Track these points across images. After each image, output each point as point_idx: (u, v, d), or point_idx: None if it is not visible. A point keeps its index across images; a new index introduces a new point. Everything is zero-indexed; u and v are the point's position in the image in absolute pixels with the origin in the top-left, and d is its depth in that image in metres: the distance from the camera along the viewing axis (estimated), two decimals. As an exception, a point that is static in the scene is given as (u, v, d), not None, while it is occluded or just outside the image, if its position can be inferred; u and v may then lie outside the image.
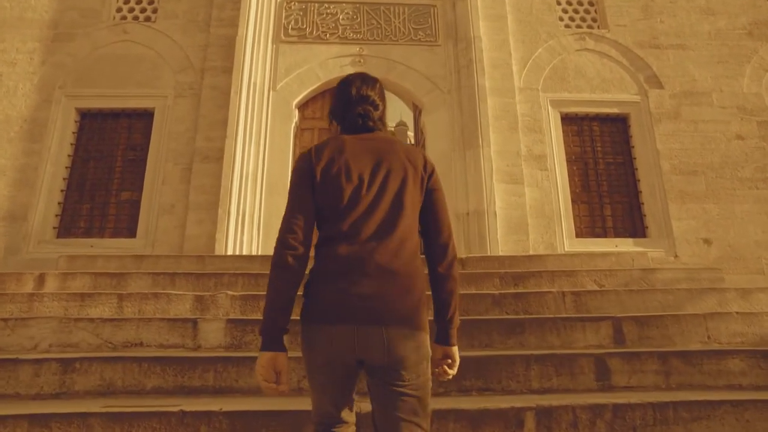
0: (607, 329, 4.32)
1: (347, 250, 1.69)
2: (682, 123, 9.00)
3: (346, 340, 1.64)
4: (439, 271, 1.80)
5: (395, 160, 1.81)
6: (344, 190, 1.74)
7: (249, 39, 9.13)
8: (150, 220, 8.66)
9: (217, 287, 5.23)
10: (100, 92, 9.16)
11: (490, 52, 9.16)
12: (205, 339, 4.22)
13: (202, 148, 8.83)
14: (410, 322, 1.68)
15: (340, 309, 1.65)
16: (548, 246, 8.47)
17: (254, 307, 4.77)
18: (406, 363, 1.66)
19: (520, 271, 5.51)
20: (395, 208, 1.75)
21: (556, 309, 4.82)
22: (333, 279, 1.68)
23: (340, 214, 1.73)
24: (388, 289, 1.66)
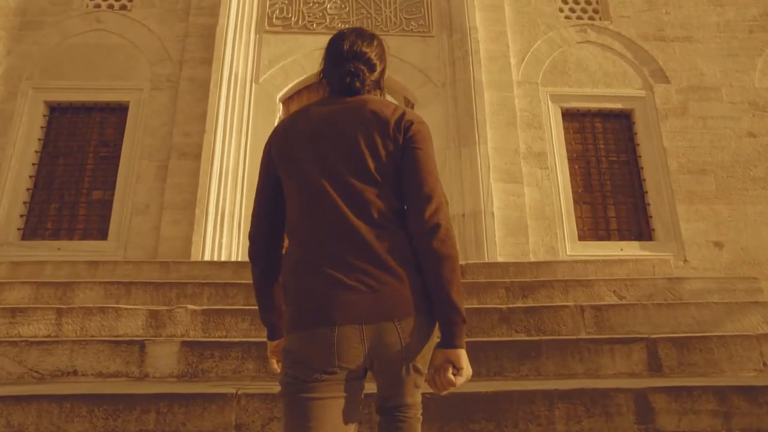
0: (640, 353, 3.48)
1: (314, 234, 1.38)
2: (690, 119, 8.20)
3: (352, 341, 1.30)
4: (417, 243, 1.39)
5: (358, 120, 1.45)
6: (298, 164, 1.44)
7: (230, 28, 8.23)
8: (123, 221, 7.73)
9: (178, 299, 4.33)
10: (70, 84, 8.22)
11: (487, 43, 8.33)
12: (154, 366, 3.33)
13: (179, 143, 7.92)
14: (415, 308, 1.35)
15: (334, 305, 1.30)
16: (549, 249, 7.64)
17: (219, 324, 3.88)
18: (418, 351, 1.36)
19: (528, 280, 4.66)
20: (361, 176, 1.40)
21: (574, 327, 3.97)
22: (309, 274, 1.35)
23: (298, 193, 1.43)
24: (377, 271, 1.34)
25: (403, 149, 1.43)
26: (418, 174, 1.41)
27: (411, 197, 1.41)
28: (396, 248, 1.37)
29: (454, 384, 1.37)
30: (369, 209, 1.38)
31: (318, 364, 1.29)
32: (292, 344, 1.34)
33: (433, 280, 1.36)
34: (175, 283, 4.42)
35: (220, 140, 7.84)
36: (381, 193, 1.40)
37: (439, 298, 1.35)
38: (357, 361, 1.31)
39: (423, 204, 1.38)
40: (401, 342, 1.32)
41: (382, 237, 1.37)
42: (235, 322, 3.89)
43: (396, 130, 1.43)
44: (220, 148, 7.82)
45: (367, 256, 1.34)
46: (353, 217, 1.36)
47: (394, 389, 1.44)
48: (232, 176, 7.88)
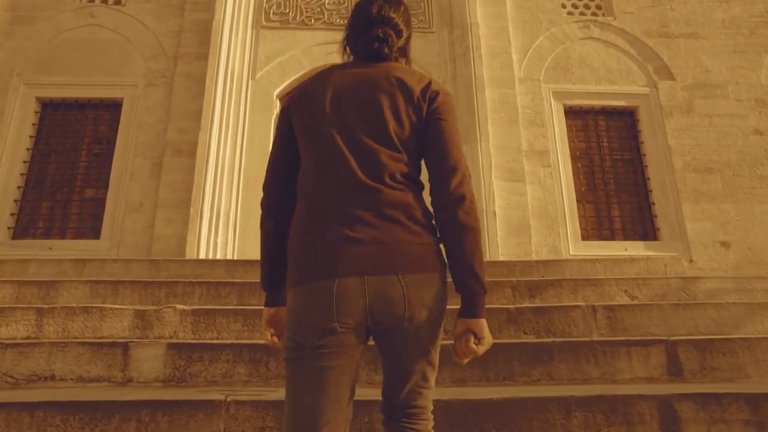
0: (659, 356, 3.22)
1: (326, 186, 1.34)
2: (696, 117, 7.97)
3: (353, 295, 1.24)
4: (441, 214, 1.37)
5: (385, 86, 1.40)
6: (318, 125, 1.39)
7: (226, 24, 7.98)
8: (116, 220, 7.46)
9: (168, 299, 4.07)
10: (63, 80, 7.96)
11: (488, 39, 8.09)
12: (139, 370, 3.07)
13: (174, 140, 7.65)
14: (427, 266, 1.30)
15: (339, 258, 1.25)
16: (552, 249, 7.38)
17: (210, 324, 3.62)
18: (426, 316, 1.29)
19: (536, 279, 4.41)
20: (381, 139, 1.36)
21: (586, 328, 3.72)
22: (316, 225, 1.32)
23: (315, 152, 1.39)
24: (391, 229, 1.29)
25: (427, 120, 1.40)
26: (444, 146, 1.39)
27: (435, 168, 1.38)
28: (407, 206, 1.33)
29: (477, 353, 1.37)
30: (383, 171, 1.33)
31: (319, 320, 1.25)
32: (296, 301, 1.30)
33: (456, 251, 1.33)
34: (164, 282, 4.16)
35: (215, 137, 7.58)
36: (399, 158, 1.36)
37: (462, 268, 1.33)
38: (357, 315, 1.25)
39: (448, 175, 1.36)
40: (404, 298, 1.26)
41: (394, 196, 1.33)
42: (227, 322, 3.63)
43: (421, 99, 1.39)
44: (215, 145, 7.56)
45: (376, 211, 1.30)
46: (366, 176, 1.32)
47: (400, 365, 1.34)
48: (228, 174, 7.63)
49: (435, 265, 1.32)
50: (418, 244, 1.31)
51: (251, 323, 3.64)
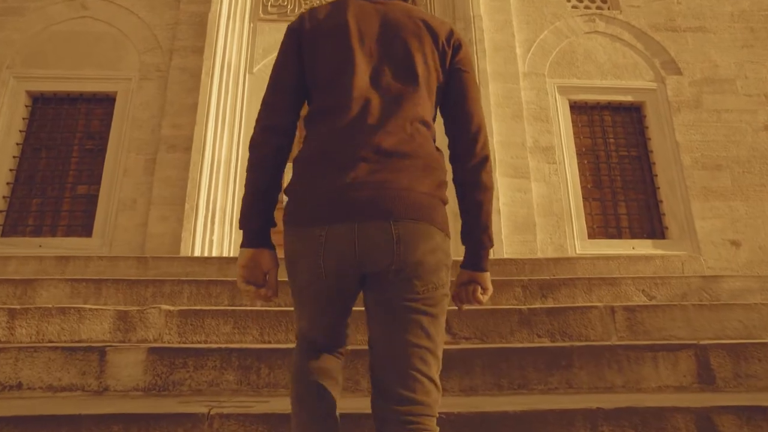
0: (688, 362, 2.89)
1: (337, 125, 1.23)
2: (704, 112, 7.65)
3: (342, 243, 1.16)
4: (464, 173, 1.32)
5: (410, 25, 1.30)
6: (339, 53, 1.27)
7: (223, 16, 7.66)
8: (108, 217, 7.13)
9: (154, 299, 3.74)
10: (54, 74, 7.62)
11: (491, 33, 7.77)
12: (116, 377, 2.73)
13: (168, 136, 7.32)
14: (425, 215, 1.19)
15: (332, 203, 1.17)
16: (558, 248, 7.06)
17: (198, 327, 3.28)
18: (420, 269, 1.16)
19: (547, 278, 4.08)
20: (406, 80, 1.27)
21: (604, 331, 3.39)
22: (322, 166, 1.21)
23: (330, 82, 1.27)
24: (395, 175, 1.19)
25: (451, 69, 1.33)
26: (469, 102, 1.34)
27: (461, 125, 1.33)
28: (422, 154, 1.24)
29: (481, 302, 1.38)
30: (405, 114, 1.25)
31: (308, 267, 1.20)
32: (288, 241, 1.25)
33: (475, 208, 1.32)
34: (151, 281, 3.82)
35: (211, 132, 7.26)
36: (421, 102, 1.27)
37: (478, 224, 1.32)
38: (346, 264, 1.17)
39: (475, 134, 1.32)
40: (394, 245, 1.15)
41: (411, 142, 1.24)
42: (217, 324, 3.30)
43: (446, 45, 1.33)
44: (211, 140, 7.23)
45: (388, 156, 1.20)
46: (386, 118, 1.23)
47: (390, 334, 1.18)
48: (224, 169, 7.30)
49: (438, 218, 1.21)
50: (423, 193, 1.20)
51: (243, 325, 3.31)
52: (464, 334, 3.38)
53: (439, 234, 1.21)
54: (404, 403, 1.13)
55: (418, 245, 1.16)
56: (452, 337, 3.37)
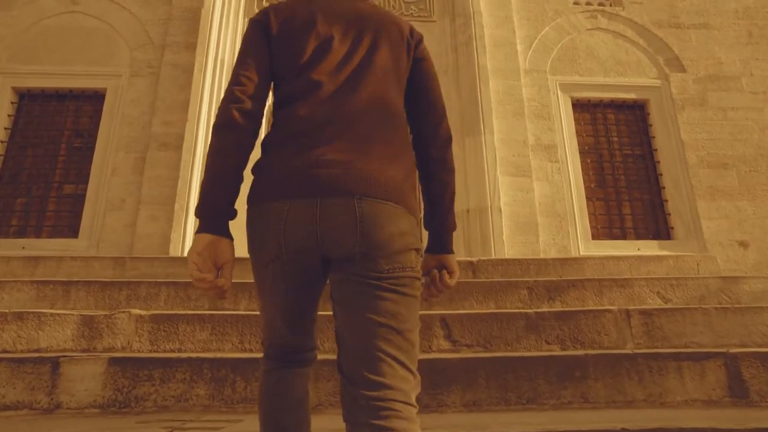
0: (717, 373, 2.52)
1: (308, 109, 1.20)
2: (709, 110, 7.30)
3: (304, 219, 1.10)
4: (429, 155, 1.32)
5: (376, 19, 1.33)
6: (308, 42, 1.26)
7: (216, 11, 7.31)
8: (96, 218, 6.75)
9: (128, 302, 3.35)
10: (42, 69, 7.25)
11: (492, 29, 7.42)
12: (70, 393, 2.35)
13: (159, 133, 6.95)
14: (393, 196, 1.13)
15: (297, 179, 1.12)
16: (561, 249, 6.69)
17: (171, 333, 2.90)
18: (385, 250, 1.08)
19: (554, 279, 3.70)
20: (374, 69, 1.26)
21: (619, 337, 3.01)
22: (289, 145, 1.18)
23: (301, 70, 1.24)
24: (365, 157, 1.15)
25: (414, 60, 1.35)
26: (432, 89, 1.37)
27: (426, 109, 1.35)
28: (390, 140, 1.21)
29: (450, 286, 1.33)
30: (373, 102, 1.22)
31: (269, 244, 1.13)
32: (251, 218, 1.18)
33: (441, 189, 1.30)
34: (125, 283, 3.44)
35: (203, 129, 6.89)
36: (388, 91, 1.27)
37: (442, 205, 1.30)
38: (307, 243, 1.09)
39: (439, 117, 1.35)
40: (357, 224, 1.07)
41: (379, 127, 1.20)
42: (192, 331, 2.92)
43: (410, 37, 1.36)
44: (203, 137, 6.87)
45: (357, 140, 1.16)
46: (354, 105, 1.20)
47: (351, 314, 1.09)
48: (216, 169, 6.92)
49: (408, 200, 1.16)
50: (392, 176, 1.15)
51: (221, 331, 2.93)
52: (465, 341, 3.01)
53: (408, 217, 1.16)
54: (373, 387, 1.02)
55: (383, 226, 1.09)
56: (452, 345, 3.00)
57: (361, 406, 1.02)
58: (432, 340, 2.99)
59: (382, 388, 1.01)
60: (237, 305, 3.46)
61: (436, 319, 3.02)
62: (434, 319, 3.02)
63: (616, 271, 4.08)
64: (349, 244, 1.08)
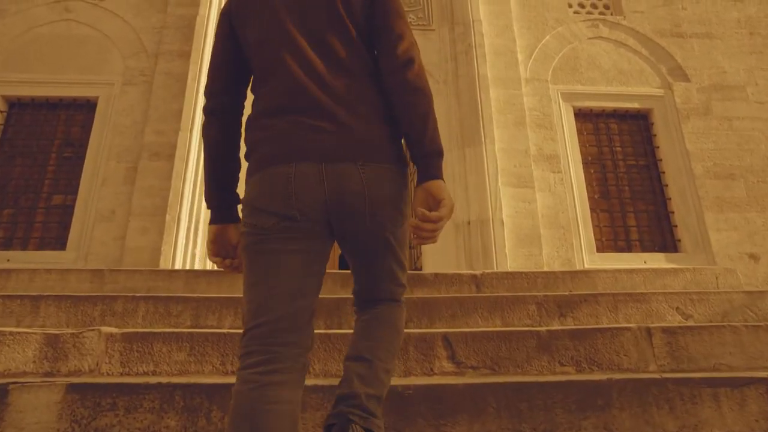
0: (759, 402, 2.19)
1: (289, 81, 1.22)
2: (714, 120, 7.05)
3: (311, 181, 1.13)
4: (390, 81, 1.25)
5: None
6: (271, 21, 1.27)
7: (212, 19, 7.08)
8: (84, 229, 6.44)
9: (102, 319, 3.03)
10: (33, 78, 7.00)
11: (491, 38, 7.20)
12: (18, 426, 2.01)
13: (151, 143, 6.68)
14: (386, 157, 1.21)
15: (297, 144, 1.16)
16: (565, 262, 6.38)
17: (145, 353, 2.58)
18: (389, 209, 1.20)
19: (565, 294, 3.38)
20: (339, 33, 1.27)
21: (640, 358, 2.69)
22: (278, 116, 1.21)
23: (269, 48, 1.26)
24: (354, 120, 1.20)
25: (370, 4, 1.30)
26: (389, 17, 1.30)
27: (382, 38, 1.29)
28: (366, 97, 1.25)
29: (441, 218, 1.18)
30: (341, 62, 1.25)
31: (277, 206, 1.13)
32: (252, 188, 1.18)
33: (410, 113, 1.23)
34: (101, 297, 3.12)
35: (196, 139, 6.61)
36: (354, 45, 1.28)
37: (416, 131, 1.23)
38: (316, 205, 1.14)
39: (395, 42, 1.28)
40: (365, 189, 1.16)
41: (353, 86, 1.25)
42: (169, 351, 2.59)
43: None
44: (196, 147, 6.59)
45: (336, 103, 1.20)
46: (324, 68, 1.23)
47: (368, 268, 1.28)
48: (209, 179, 6.62)
49: (395, 156, 1.24)
50: (378, 134, 1.22)
51: (201, 351, 2.60)
52: (471, 362, 2.68)
53: (401, 173, 1.24)
54: (383, 295, 1.32)
55: (384, 186, 1.18)
56: (456, 366, 2.67)
57: (371, 303, 1.33)
58: (434, 361, 2.66)
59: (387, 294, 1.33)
60: (221, 321, 3.14)
61: (438, 338, 2.70)
62: (436, 338, 2.70)
63: (630, 284, 3.76)
64: (358, 208, 1.16)
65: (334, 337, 2.66)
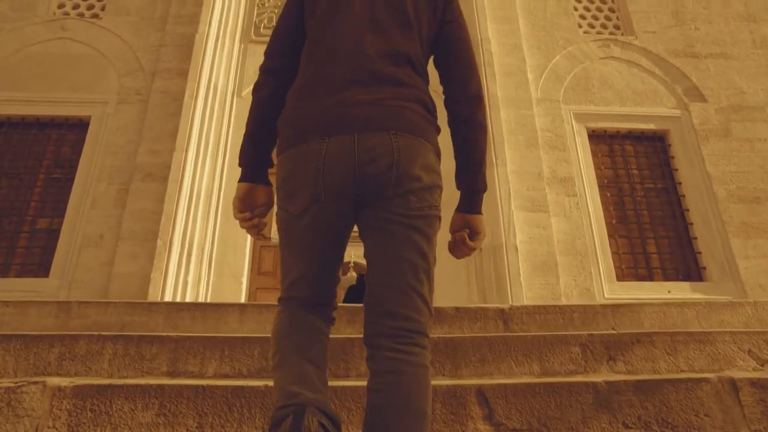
0: None
1: (336, 55, 1.23)
2: (735, 141, 6.56)
3: (342, 154, 1.11)
4: (457, 112, 1.27)
5: None
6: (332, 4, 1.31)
7: (211, 37, 6.66)
8: (70, 255, 5.85)
9: (59, 364, 2.43)
10: (25, 96, 6.53)
11: (501, 57, 6.77)
12: None
13: (144, 163, 6.15)
14: (421, 133, 1.17)
15: (333, 117, 1.15)
16: (584, 291, 5.78)
17: (101, 413, 1.97)
18: (416, 184, 1.13)
19: (611, 333, 2.79)
20: (399, 23, 1.28)
21: (726, 418, 2.09)
22: (318, 89, 1.20)
23: (329, 22, 1.29)
24: (391, 95, 1.18)
25: (442, 19, 1.34)
26: (463, 46, 1.33)
27: (455, 66, 1.31)
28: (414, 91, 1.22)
29: (474, 249, 1.30)
30: (396, 52, 1.24)
31: (305, 187, 1.13)
32: (283, 168, 1.19)
33: (469, 146, 1.28)
34: (59, 337, 2.52)
35: (191, 159, 6.09)
36: (413, 45, 1.28)
37: (471, 164, 1.28)
38: (345, 177, 1.11)
39: (468, 73, 1.30)
40: (394, 154, 1.11)
41: (402, 75, 1.22)
42: (132, 410, 1.99)
43: (437, 3, 1.34)
44: (191, 168, 6.06)
45: (381, 85, 1.19)
46: (379, 55, 1.23)
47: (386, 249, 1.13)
48: (204, 202, 6.08)
49: (432, 139, 1.21)
50: (419, 114, 1.19)
51: (173, 411, 2.00)
52: (513, 423, 2.07)
53: (434, 154, 1.20)
54: (398, 318, 1.09)
55: (416, 159, 1.14)
56: (495, 429, 2.06)
57: (385, 333, 1.08)
58: (467, 422, 2.06)
59: (405, 319, 1.08)
60: (203, 367, 2.53)
61: (472, 393, 2.10)
62: (469, 393, 2.10)
63: (681, 321, 3.18)
64: (387, 174, 1.11)
65: (340, 391, 2.07)
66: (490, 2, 7.05)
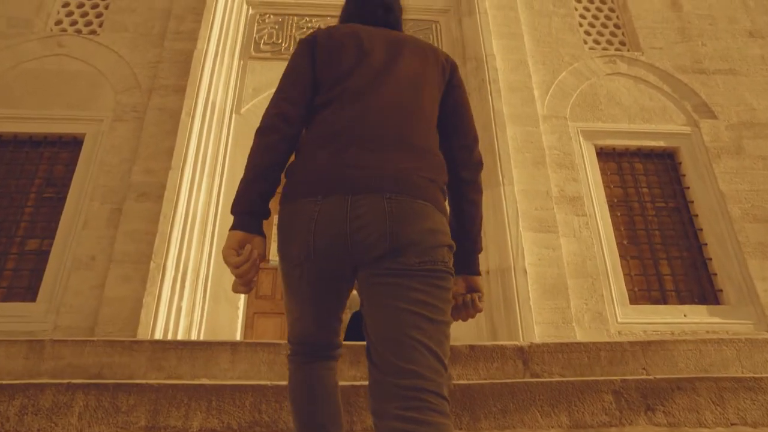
0: None
1: (346, 113, 1.20)
2: (747, 159, 6.26)
3: (334, 217, 1.07)
4: (461, 176, 1.30)
5: (413, 45, 1.36)
6: (347, 56, 1.30)
7: (210, 53, 6.39)
8: (59, 278, 5.50)
9: (21, 418, 2.07)
10: (18, 114, 6.24)
11: (506, 73, 6.50)
12: None
13: (139, 182, 5.83)
14: (423, 193, 1.10)
15: (330, 176, 1.12)
16: (595, 316, 5.43)
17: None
18: (416, 248, 1.03)
19: (647, 378, 2.43)
20: (409, 84, 1.27)
21: (800, 492, 1.72)
22: (321, 146, 1.18)
23: (338, 79, 1.27)
24: (397, 156, 1.13)
25: (449, 85, 1.36)
26: (466, 115, 1.35)
27: (460, 133, 1.33)
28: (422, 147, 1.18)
29: (480, 310, 1.28)
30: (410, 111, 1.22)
31: (297, 244, 1.10)
32: (281, 219, 1.17)
33: (471, 211, 1.30)
34: (23, 387, 2.16)
35: (188, 178, 5.78)
36: (425, 104, 1.26)
37: (473, 227, 1.30)
38: (335, 244, 1.05)
39: (472, 142, 1.35)
40: (387, 223, 1.03)
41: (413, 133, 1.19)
42: (96, 486, 1.63)
43: (445, 63, 1.37)
44: (187, 187, 5.74)
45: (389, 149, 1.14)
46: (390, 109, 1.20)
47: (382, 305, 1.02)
48: (201, 223, 5.75)
49: (436, 199, 1.13)
50: (422, 176, 1.12)
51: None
52: (548, 498, 1.72)
53: (438, 214, 1.13)
54: (404, 375, 0.94)
55: (413, 222, 1.06)
56: None
57: (391, 394, 0.93)
58: (493, 497, 1.70)
59: (413, 376, 0.93)
60: (188, 421, 2.18)
61: None
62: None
63: (720, 360, 2.83)
64: (379, 243, 1.03)
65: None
66: (494, 18, 6.81)
